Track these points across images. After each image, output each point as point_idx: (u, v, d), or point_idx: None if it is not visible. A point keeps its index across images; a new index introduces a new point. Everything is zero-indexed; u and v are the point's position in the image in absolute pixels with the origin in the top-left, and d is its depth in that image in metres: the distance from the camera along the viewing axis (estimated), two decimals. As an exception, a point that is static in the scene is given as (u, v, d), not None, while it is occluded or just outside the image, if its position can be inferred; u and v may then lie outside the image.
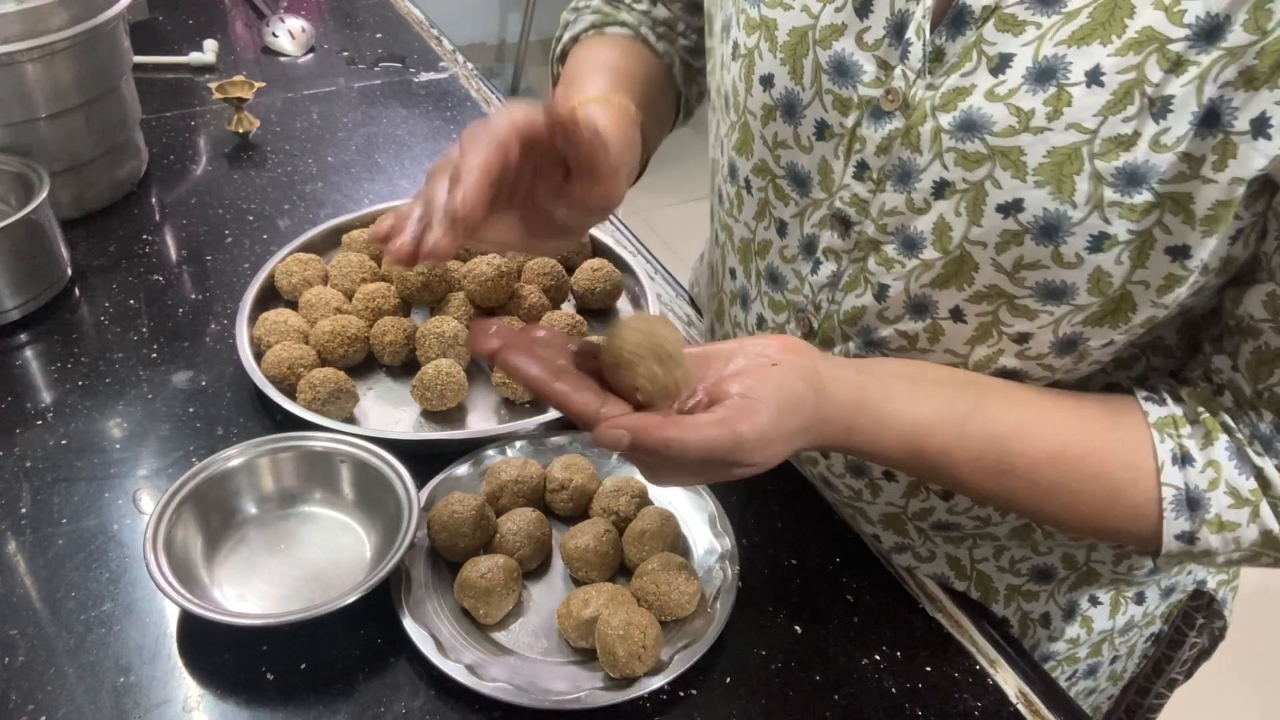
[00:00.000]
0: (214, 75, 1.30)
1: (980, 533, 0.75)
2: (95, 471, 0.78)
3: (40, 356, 0.88)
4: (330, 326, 0.84)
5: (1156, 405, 0.61)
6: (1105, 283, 0.57)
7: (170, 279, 0.97)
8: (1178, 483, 0.59)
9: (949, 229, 0.59)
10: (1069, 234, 0.55)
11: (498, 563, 0.67)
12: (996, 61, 0.55)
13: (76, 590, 0.69)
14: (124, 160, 1.07)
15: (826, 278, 0.68)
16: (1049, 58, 0.54)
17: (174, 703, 0.63)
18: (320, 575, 0.69)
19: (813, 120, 0.64)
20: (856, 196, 0.63)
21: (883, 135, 0.60)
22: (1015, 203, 0.56)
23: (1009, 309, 0.60)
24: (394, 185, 1.12)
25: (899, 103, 0.59)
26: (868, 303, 0.66)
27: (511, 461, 0.75)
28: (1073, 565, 0.77)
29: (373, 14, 1.50)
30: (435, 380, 0.80)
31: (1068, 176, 0.54)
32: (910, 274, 0.62)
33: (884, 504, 0.76)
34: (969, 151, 0.57)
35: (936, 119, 0.58)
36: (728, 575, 0.69)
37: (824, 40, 0.61)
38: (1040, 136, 0.54)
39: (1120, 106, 0.52)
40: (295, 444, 0.74)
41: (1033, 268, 0.57)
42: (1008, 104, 0.55)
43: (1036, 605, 0.79)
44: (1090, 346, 0.61)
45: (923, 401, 0.61)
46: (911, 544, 0.78)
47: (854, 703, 0.65)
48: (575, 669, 0.65)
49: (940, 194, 0.59)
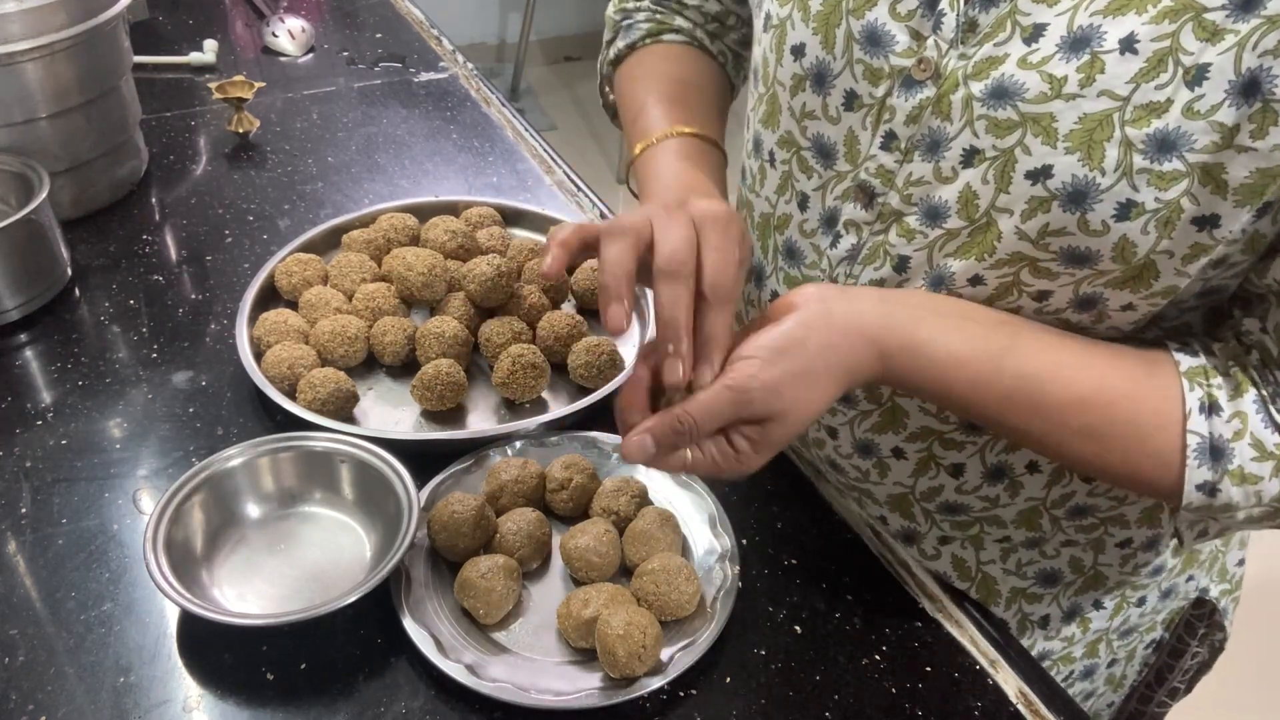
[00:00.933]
0: (214, 75, 1.30)
1: (987, 516, 0.75)
2: (95, 471, 0.78)
3: (40, 356, 0.88)
4: (330, 326, 0.84)
5: (1189, 355, 0.61)
6: (1130, 251, 0.57)
7: (170, 279, 0.97)
8: (1203, 431, 0.59)
9: (975, 197, 0.59)
10: (1096, 200, 0.55)
11: (498, 563, 0.67)
12: (1030, 31, 0.56)
13: (76, 590, 0.69)
14: (124, 160, 1.07)
15: (845, 251, 0.68)
16: (1083, 27, 0.54)
17: (174, 703, 0.63)
18: (320, 575, 0.70)
19: (842, 90, 0.64)
20: (883, 167, 0.64)
21: (913, 105, 0.61)
22: (1044, 169, 0.56)
23: (1030, 271, 0.60)
24: (394, 185, 1.13)
25: (931, 72, 0.60)
26: (886, 275, 0.66)
27: (511, 461, 0.75)
28: (1079, 569, 0.76)
29: (373, 14, 1.50)
30: (435, 380, 0.80)
31: (1098, 143, 0.54)
32: (932, 244, 0.63)
33: (891, 484, 0.76)
34: (1000, 119, 0.57)
35: (968, 87, 0.58)
36: (728, 575, 0.69)
37: (857, 10, 0.62)
38: (1072, 103, 0.54)
39: (1153, 74, 0.53)
40: (295, 444, 0.74)
41: (1058, 234, 0.58)
42: (1040, 71, 0.55)
43: (1038, 608, 0.79)
44: (1109, 307, 0.61)
45: (954, 333, 0.61)
46: (918, 530, 0.78)
47: (854, 703, 0.65)
48: (575, 669, 0.65)
49: (969, 162, 0.59)
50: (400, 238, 0.95)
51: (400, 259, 0.89)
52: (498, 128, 1.25)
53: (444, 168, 1.16)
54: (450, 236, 0.93)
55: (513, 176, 1.15)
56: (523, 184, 1.14)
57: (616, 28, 0.87)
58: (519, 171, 1.16)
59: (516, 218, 1.02)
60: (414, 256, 0.88)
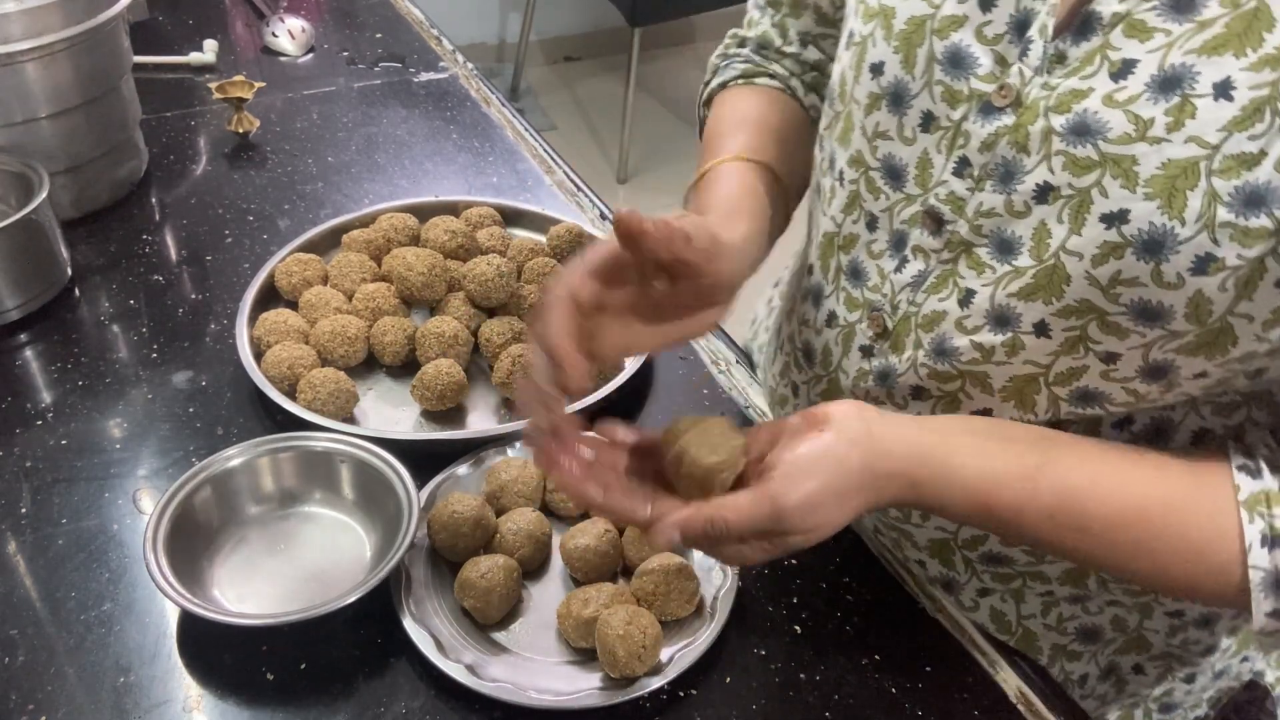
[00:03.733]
0: (214, 75, 1.30)
1: (1031, 570, 0.72)
2: (95, 471, 0.78)
3: (40, 356, 0.88)
4: (330, 326, 0.84)
5: (1250, 478, 0.58)
6: (1204, 309, 0.54)
7: (170, 279, 0.97)
8: (1265, 565, 0.56)
9: (1047, 235, 0.57)
10: (1173, 252, 0.52)
11: (498, 563, 0.67)
12: (1119, 66, 0.53)
13: (76, 590, 0.69)
14: (124, 160, 1.07)
15: (911, 277, 0.66)
16: (1175, 66, 0.51)
17: (174, 703, 0.63)
18: (320, 575, 0.69)
19: (919, 111, 0.62)
20: (953, 194, 0.62)
21: (989, 131, 0.59)
22: (1120, 213, 0.54)
23: (1099, 325, 0.57)
24: (394, 185, 1.12)
25: (1011, 99, 0.58)
26: (950, 308, 0.63)
27: (511, 461, 0.75)
28: (1122, 628, 0.74)
29: (373, 14, 1.50)
30: (435, 380, 0.80)
31: (1180, 191, 0.52)
32: (999, 280, 0.60)
33: (933, 528, 0.73)
34: (1079, 156, 0.55)
35: (1048, 119, 0.56)
36: (728, 575, 0.69)
37: (942, 30, 0.60)
38: (1156, 147, 0.52)
39: (1248, 123, 0.50)
40: (295, 444, 0.74)
41: (1130, 284, 0.55)
42: (1126, 110, 0.53)
43: (1078, 666, 0.76)
44: (1181, 375, 0.58)
45: (990, 456, 0.59)
46: (957, 579, 0.75)
47: (854, 703, 0.65)
48: (575, 669, 0.65)
49: (1043, 198, 0.57)
50: (400, 238, 0.95)
51: (400, 259, 0.89)
52: (498, 128, 1.25)
53: (444, 168, 1.16)
54: (450, 236, 0.93)
55: (513, 176, 1.15)
56: (523, 184, 1.14)
57: (714, 70, 0.87)
58: (519, 171, 1.16)
59: (516, 218, 1.02)
60: (414, 256, 0.88)
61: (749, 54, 0.85)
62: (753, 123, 0.79)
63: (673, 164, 3.05)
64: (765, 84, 0.83)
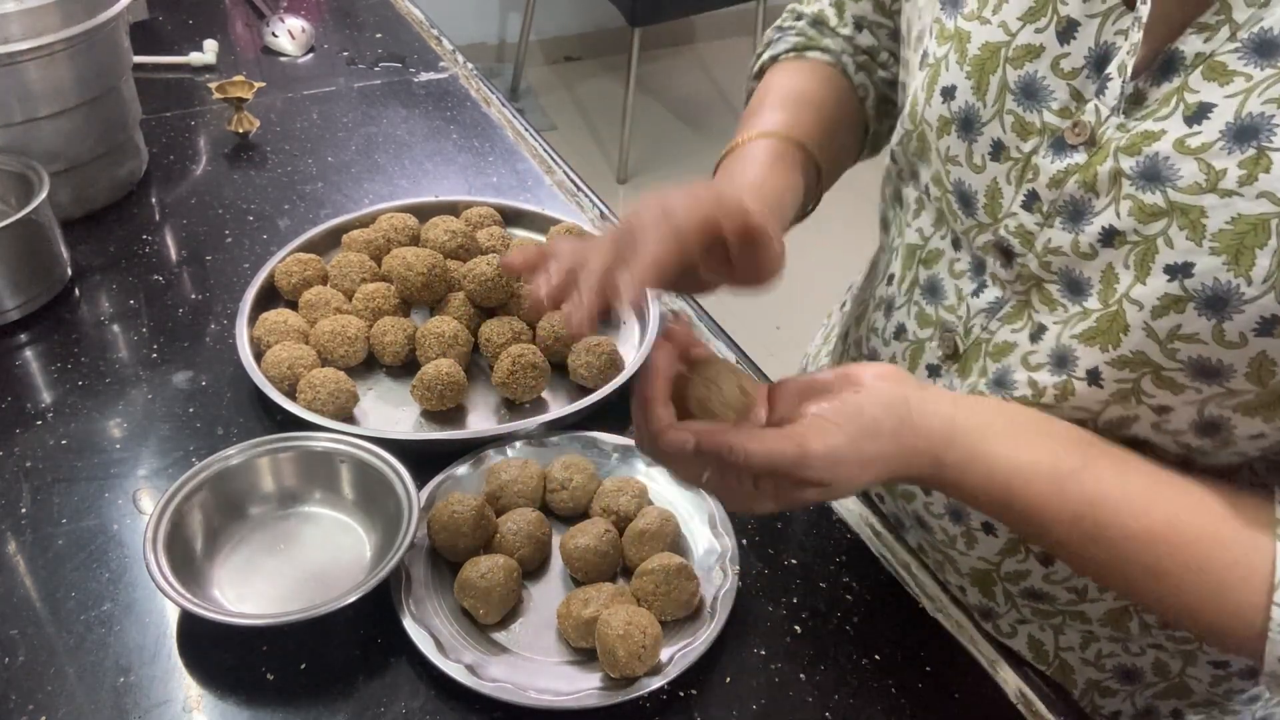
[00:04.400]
0: (214, 75, 1.30)
1: (1073, 610, 0.71)
2: (95, 471, 0.78)
3: (40, 356, 0.88)
4: (330, 326, 0.84)
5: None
6: (1267, 371, 0.52)
7: (170, 279, 0.97)
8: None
9: (1115, 280, 0.55)
10: (1237, 310, 0.51)
11: (498, 563, 0.67)
12: (1194, 110, 0.51)
13: (76, 590, 0.69)
14: (124, 160, 1.07)
15: (987, 303, 0.65)
16: (1254, 114, 0.49)
17: (174, 703, 0.63)
18: (320, 575, 0.69)
19: (989, 139, 0.61)
20: (1022, 227, 0.60)
21: (1059, 168, 0.57)
22: (1185, 266, 0.52)
23: (1154, 379, 0.56)
24: (394, 185, 1.12)
25: (1085, 137, 0.56)
26: (1021, 341, 0.62)
27: (511, 461, 0.75)
28: (1164, 673, 0.72)
29: (373, 14, 1.50)
30: (435, 380, 0.80)
31: (1249, 249, 0.50)
32: (1068, 320, 0.59)
33: (976, 558, 0.72)
34: (1146, 203, 0.53)
35: (1119, 161, 0.54)
36: (728, 575, 0.69)
37: (1016, 60, 0.59)
38: (1227, 200, 0.50)
39: None
40: (295, 444, 0.74)
41: (1189, 340, 0.53)
42: (1198, 158, 0.51)
43: (1111, 702, 0.74)
44: (1236, 434, 0.56)
45: (1025, 449, 0.57)
46: (996, 610, 0.74)
47: (854, 703, 0.65)
48: (575, 669, 0.65)
49: (1109, 242, 0.55)
50: (400, 238, 0.95)
51: (400, 259, 0.89)
52: (498, 128, 1.25)
53: (444, 168, 1.16)
54: (450, 236, 0.93)
55: (513, 176, 1.15)
56: (523, 184, 1.14)
57: (769, 43, 0.85)
58: (519, 171, 1.16)
59: (516, 218, 1.02)
60: (414, 256, 0.88)
61: (804, 27, 0.83)
62: (794, 98, 0.78)
63: (673, 164, 3.05)
64: (817, 58, 0.81)
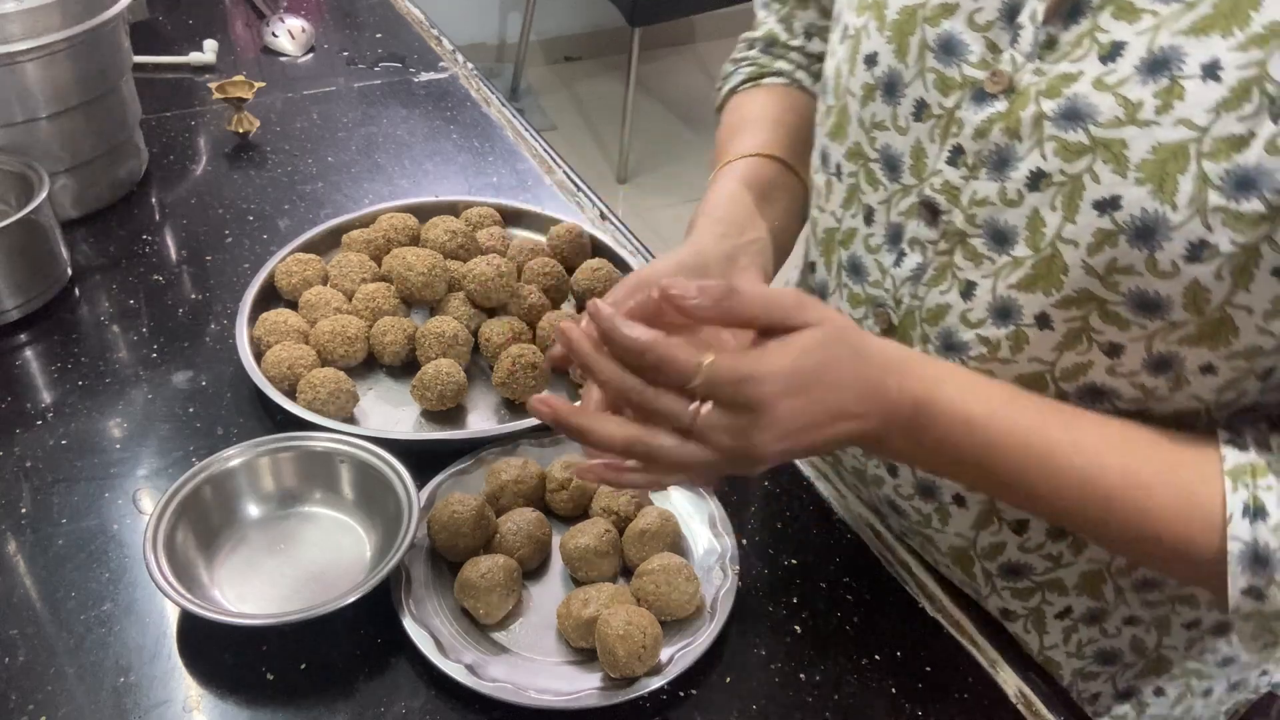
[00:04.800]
0: (214, 75, 1.30)
1: (1050, 579, 0.71)
2: (95, 471, 0.78)
3: (40, 356, 0.88)
4: (330, 326, 0.84)
5: (1236, 450, 0.57)
6: (1202, 298, 0.53)
7: (170, 279, 0.97)
8: (1246, 537, 0.55)
9: (1042, 224, 0.57)
10: (1166, 238, 0.52)
11: (498, 563, 0.67)
12: (1108, 49, 0.53)
13: (76, 590, 0.69)
14: (124, 160, 1.07)
15: (910, 270, 0.66)
16: (1164, 48, 0.51)
17: (174, 703, 0.63)
18: (320, 575, 0.69)
19: (912, 100, 0.63)
20: (948, 183, 0.62)
21: (982, 119, 0.59)
22: (1113, 199, 0.53)
23: (1100, 314, 0.57)
24: (394, 185, 1.13)
25: (1004, 85, 0.58)
26: (953, 300, 0.64)
27: (511, 461, 0.75)
28: (1141, 651, 0.73)
29: (373, 14, 1.50)
30: (435, 380, 0.80)
31: (1171, 175, 0.51)
32: (998, 272, 0.60)
33: (953, 534, 0.73)
34: (1070, 141, 0.54)
35: (1040, 105, 0.56)
36: (728, 575, 0.69)
37: (933, 18, 0.61)
38: (1146, 130, 0.52)
39: (1237, 104, 0.49)
40: (295, 444, 0.74)
41: (1126, 273, 0.54)
42: (1115, 94, 0.53)
43: (1093, 685, 0.76)
44: (1187, 369, 0.57)
45: (977, 389, 0.59)
46: (978, 592, 0.74)
47: (854, 703, 0.65)
48: (575, 669, 0.65)
49: (1035, 185, 0.57)
50: (400, 238, 0.95)
51: (400, 259, 0.89)
52: (498, 128, 1.25)
53: (444, 168, 1.16)
54: (450, 236, 0.93)
55: (513, 176, 1.15)
56: (523, 184, 1.14)
57: (725, 77, 0.87)
58: (519, 171, 1.16)
59: (516, 218, 1.02)
60: (414, 256, 0.88)
61: (756, 55, 0.86)
62: (757, 120, 0.80)
63: (673, 164, 3.05)
64: (772, 82, 0.84)
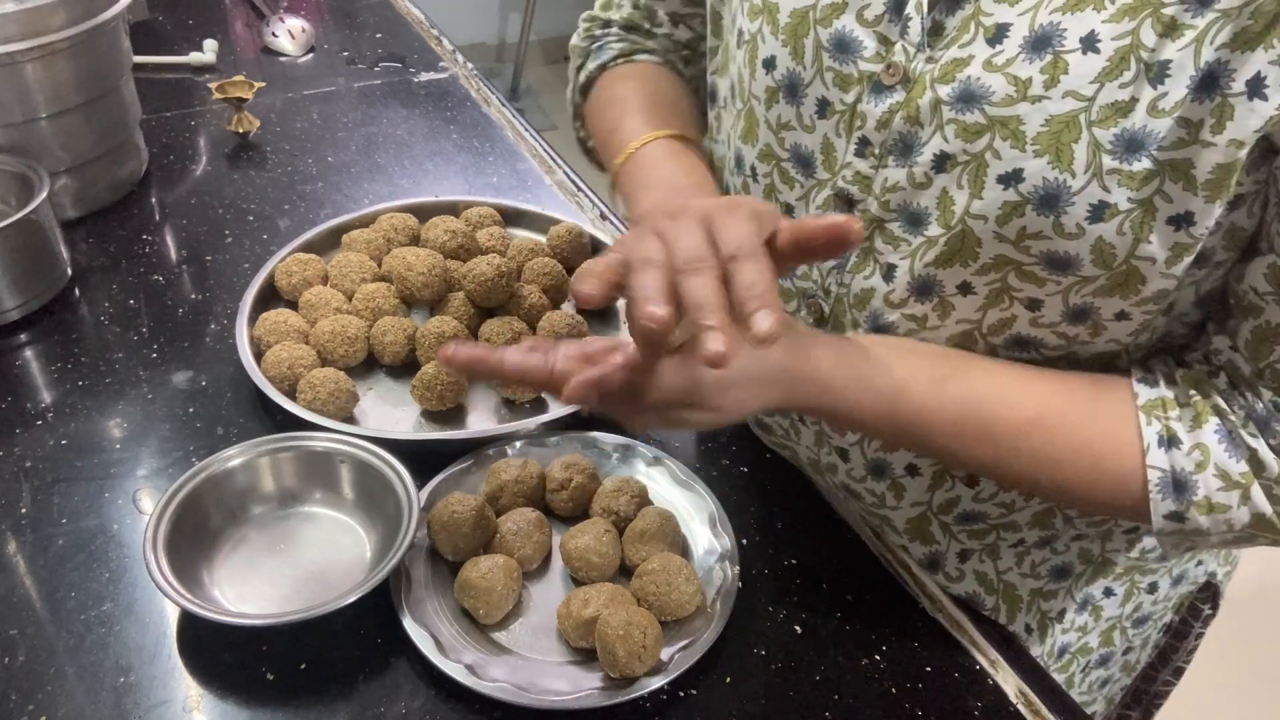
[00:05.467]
0: (214, 75, 1.30)
1: (1004, 522, 0.74)
2: (95, 471, 0.78)
3: (40, 356, 0.88)
4: (330, 326, 0.84)
5: (1147, 387, 0.61)
6: (1109, 254, 0.56)
7: (170, 279, 0.97)
8: (1163, 465, 0.59)
9: (951, 203, 0.59)
10: (1069, 204, 0.55)
11: (498, 563, 0.67)
12: (994, 31, 0.56)
13: (76, 590, 0.69)
14: (124, 160, 1.07)
15: (833, 260, 0.68)
16: (1044, 25, 0.54)
17: (174, 703, 0.63)
18: (320, 575, 0.69)
19: (814, 99, 0.64)
20: (859, 174, 0.64)
21: (883, 110, 0.61)
22: (1015, 173, 0.56)
23: (1016, 274, 0.60)
24: (394, 185, 1.13)
25: (899, 77, 0.60)
26: (876, 284, 0.66)
27: (511, 461, 0.75)
28: (1089, 560, 0.77)
29: (373, 14, 1.50)
30: (435, 380, 0.80)
31: (1066, 145, 0.54)
32: (915, 252, 0.63)
33: (909, 505, 0.75)
34: (968, 122, 0.57)
35: (936, 91, 0.58)
36: (728, 575, 0.69)
37: (824, 19, 0.62)
38: (1038, 105, 0.54)
39: (1117, 72, 0.53)
40: (295, 444, 0.74)
41: (1036, 238, 0.57)
42: (1005, 73, 0.55)
43: (1055, 603, 0.79)
44: (1102, 317, 0.61)
45: (900, 363, 0.62)
46: (939, 551, 0.77)
47: (854, 703, 0.65)
48: (575, 669, 0.65)
49: (941, 167, 0.59)
50: (400, 238, 0.95)
51: (400, 259, 0.89)
52: (498, 128, 1.25)
53: (444, 168, 1.16)
54: (450, 236, 0.93)
55: (513, 176, 1.15)
56: (523, 184, 1.14)
57: (585, 53, 0.87)
58: (519, 171, 1.16)
59: (516, 218, 1.02)
60: (414, 256, 0.88)
61: (620, 33, 0.85)
62: (652, 100, 0.80)
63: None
64: (647, 59, 0.84)
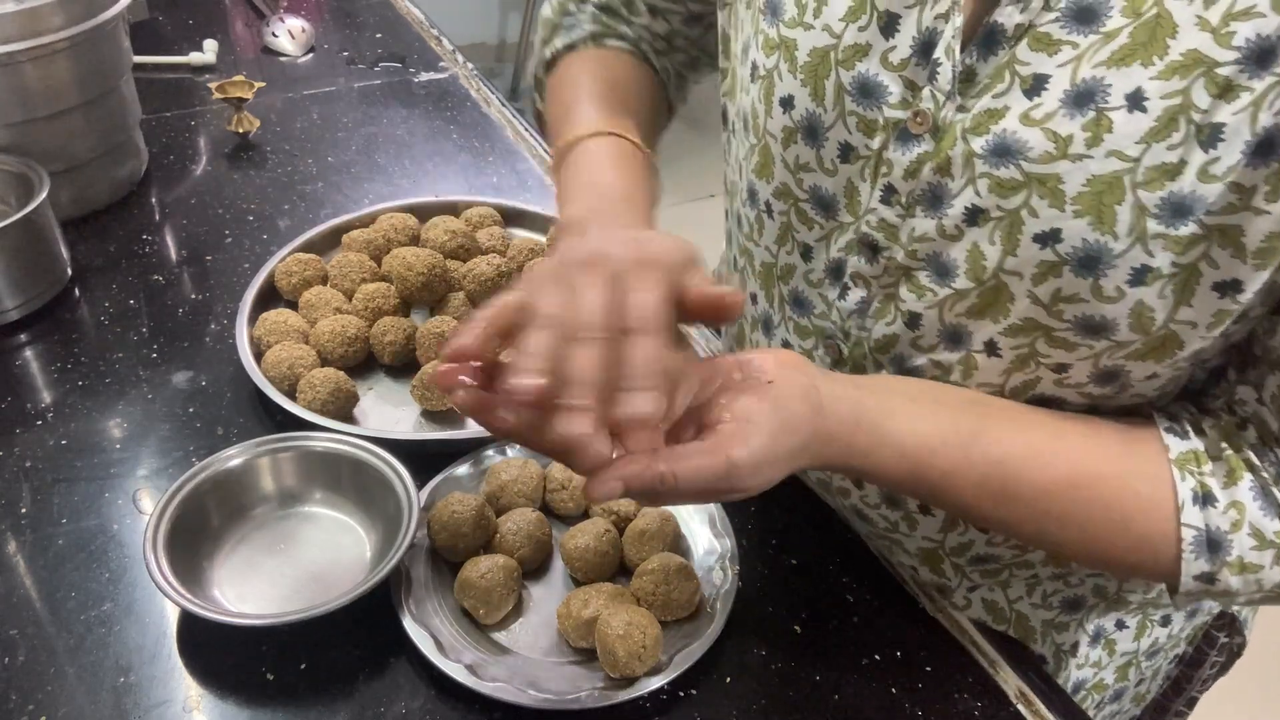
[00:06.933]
0: (214, 75, 1.30)
1: (1018, 562, 0.72)
2: (95, 471, 0.78)
3: (40, 356, 0.88)
4: (330, 326, 0.84)
5: (1178, 439, 0.58)
6: (1147, 319, 0.54)
7: (170, 279, 0.97)
8: (1198, 523, 0.56)
9: (983, 257, 0.57)
10: (1110, 266, 0.53)
11: (498, 563, 0.67)
12: (1031, 83, 0.53)
13: (76, 590, 0.69)
14: (124, 160, 1.07)
15: (855, 304, 0.65)
16: (1087, 80, 0.51)
17: (174, 703, 0.63)
18: (320, 575, 0.69)
19: (836, 142, 0.61)
20: (884, 221, 0.61)
21: (910, 159, 0.58)
22: (1053, 233, 0.53)
23: (1046, 341, 0.58)
24: (394, 185, 1.13)
25: (928, 125, 0.57)
26: (899, 331, 0.63)
27: (511, 461, 0.75)
28: (1102, 595, 0.75)
29: (373, 14, 1.50)
30: (435, 380, 0.80)
31: (1108, 206, 0.52)
32: (943, 303, 0.60)
33: (921, 538, 0.74)
34: (1003, 178, 0.54)
35: (968, 143, 0.55)
36: (728, 575, 0.69)
37: (846, 61, 0.59)
38: (1079, 164, 0.52)
39: (1165, 133, 0.50)
40: (295, 444, 0.74)
41: (1071, 301, 0.55)
42: (1044, 128, 0.53)
43: (1068, 635, 0.77)
44: (1133, 378, 0.59)
45: (924, 420, 0.59)
46: (948, 584, 0.75)
47: (854, 703, 0.65)
48: (575, 669, 0.65)
49: (973, 221, 0.56)
50: (400, 238, 0.95)
51: (400, 259, 0.89)
52: (498, 128, 1.25)
53: (444, 168, 1.16)
54: (450, 236, 0.93)
55: (513, 176, 1.15)
56: (523, 184, 1.14)
57: (554, 27, 0.83)
58: (519, 171, 1.16)
59: (516, 218, 1.02)
60: (414, 256, 0.88)
61: (595, 13, 0.82)
62: (613, 92, 0.76)
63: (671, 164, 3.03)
64: (617, 45, 0.81)
